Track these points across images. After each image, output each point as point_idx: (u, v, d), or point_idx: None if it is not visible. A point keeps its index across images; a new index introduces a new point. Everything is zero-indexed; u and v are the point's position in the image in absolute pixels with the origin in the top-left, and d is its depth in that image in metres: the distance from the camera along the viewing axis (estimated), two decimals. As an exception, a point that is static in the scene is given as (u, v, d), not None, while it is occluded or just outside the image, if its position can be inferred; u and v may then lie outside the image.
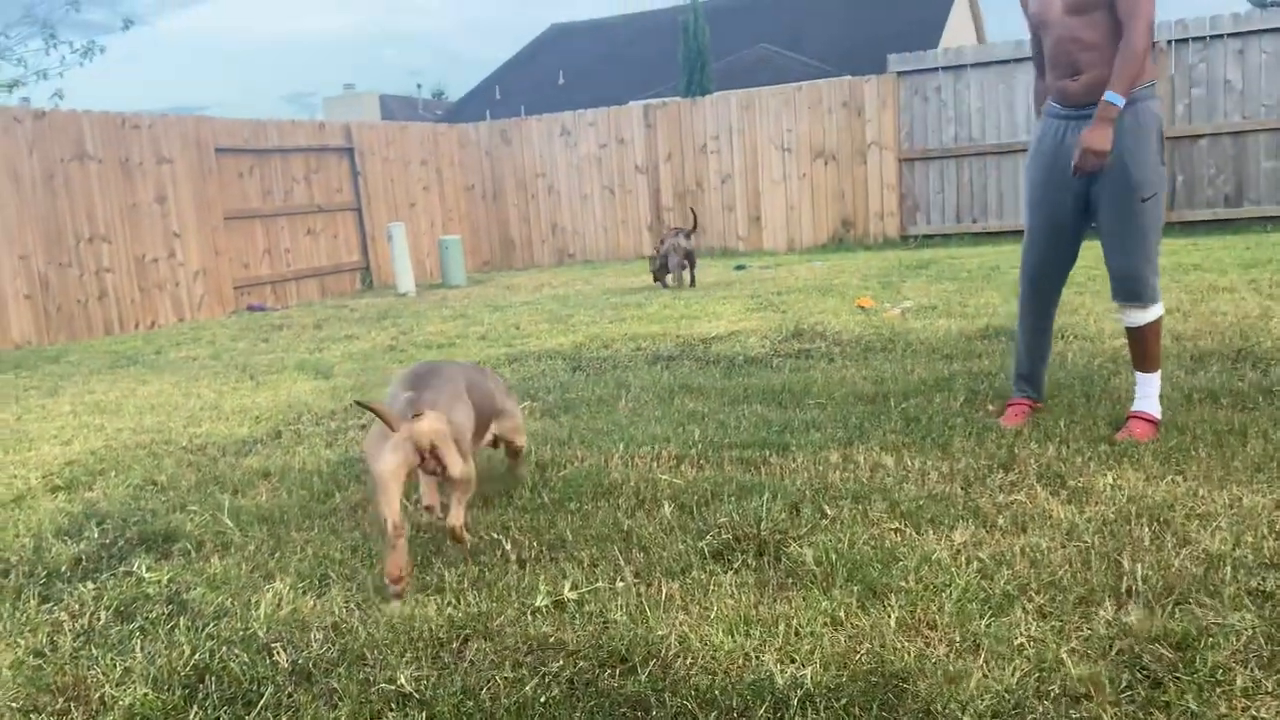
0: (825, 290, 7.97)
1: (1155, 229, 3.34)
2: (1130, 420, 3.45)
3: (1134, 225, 3.31)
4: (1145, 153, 3.26)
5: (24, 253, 8.55)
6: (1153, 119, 3.27)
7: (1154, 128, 3.27)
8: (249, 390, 5.59)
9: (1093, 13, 3.25)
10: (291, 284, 11.29)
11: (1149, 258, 3.35)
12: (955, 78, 11.76)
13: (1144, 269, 3.35)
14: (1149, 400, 3.47)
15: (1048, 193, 3.51)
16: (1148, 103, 3.27)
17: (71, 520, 3.33)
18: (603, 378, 5.11)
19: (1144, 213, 3.29)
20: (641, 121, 13.28)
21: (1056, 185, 3.46)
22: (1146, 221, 3.30)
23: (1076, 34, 3.29)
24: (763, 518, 2.75)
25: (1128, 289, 3.40)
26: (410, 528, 2.87)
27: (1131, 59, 3.15)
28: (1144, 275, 3.36)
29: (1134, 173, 3.26)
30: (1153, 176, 3.27)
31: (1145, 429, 3.38)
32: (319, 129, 11.86)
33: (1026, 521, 2.69)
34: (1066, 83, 3.38)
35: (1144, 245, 3.32)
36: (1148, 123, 3.26)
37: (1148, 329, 3.45)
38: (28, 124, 8.65)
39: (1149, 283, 3.37)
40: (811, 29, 25.55)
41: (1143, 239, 3.31)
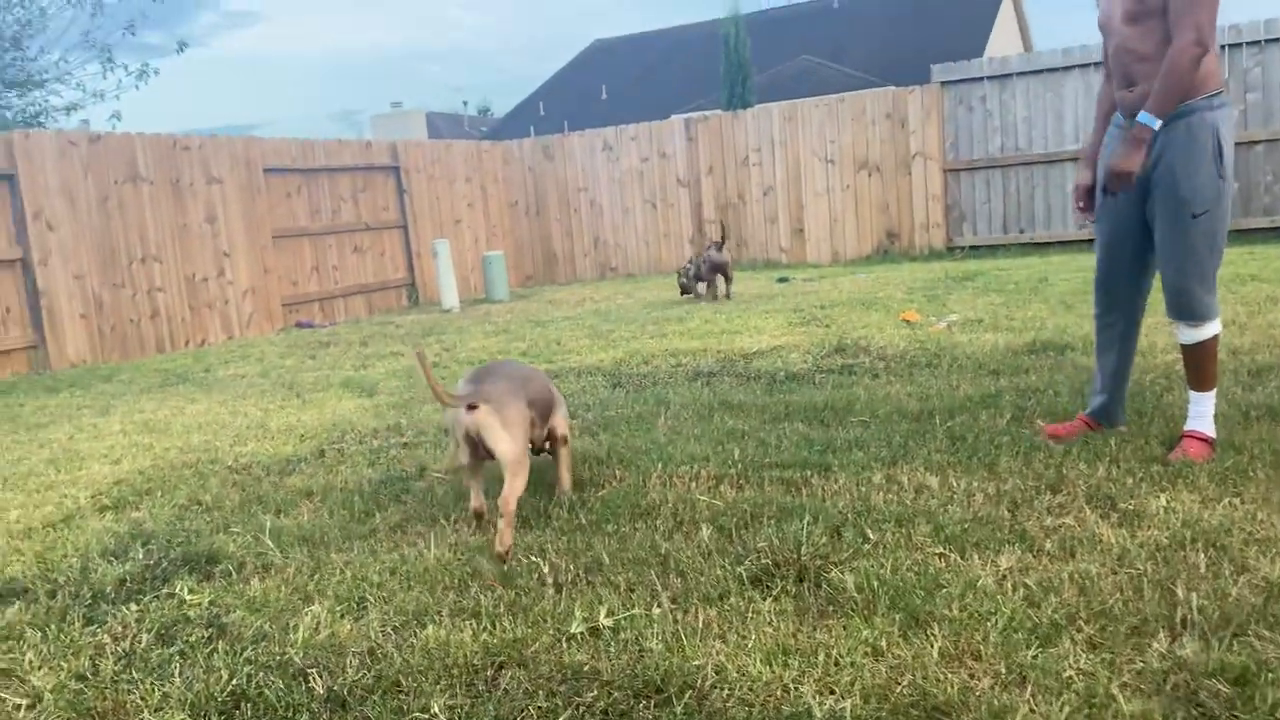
0: (869, 303, 7.89)
1: (1210, 245, 3.21)
2: (1184, 439, 3.35)
3: (1185, 241, 3.21)
4: (1197, 167, 3.14)
5: (79, 273, 8.74)
6: (1208, 132, 3.13)
7: (1209, 141, 3.13)
8: (295, 408, 5.64)
9: (1147, 22, 3.16)
10: (339, 301, 11.43)
11: (1202, 275, 3.24)
12: (1001, 87, 11.60)
13: (1195, 285, 3.25)
14: (1203, 419, 3.37)
15: (1108, 203, 3.44)
16: (1204, 114, 3.14)
17: (118, 540, 3.38)
18: (642, 394, 5.08)
19: (1195, 229, 3.18)
20: (683, 135, 13.28)
21: (1114, 196, 3.39)
22: (1197, 238, 3.19)
23: (1132, 44, 3.22)
24: (803, 542, 2.70)
25: (1179, 305, 3.31)
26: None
27: (1170, 74, 3.04)
28: (1195, 292, 3.25)
29: (1183, 188, 3.17)
30: (1206, 192, 3.15)
31: (1200, 449, 3.27)
32: (366, 148, 12.01)
33: (1075, 546, 2.61)
34: (1124, 93, 3.32)
35: (1195, 261, 3.22)
36: (1202, 136, 3.14)
37: (1202, 347, 3.34)
38: (83, 147, 8.85)
39: (1201, 299, 3.26)
40: (854, 40, 25.43)
41: (1192, 255, 3.21)
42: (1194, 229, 3.18)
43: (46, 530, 3.58)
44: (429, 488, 3.67)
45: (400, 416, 5.09)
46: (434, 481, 3.77)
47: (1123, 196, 3.34)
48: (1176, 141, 3.16)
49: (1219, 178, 3.15)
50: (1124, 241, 3.44)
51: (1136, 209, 3.35)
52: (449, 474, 3.44)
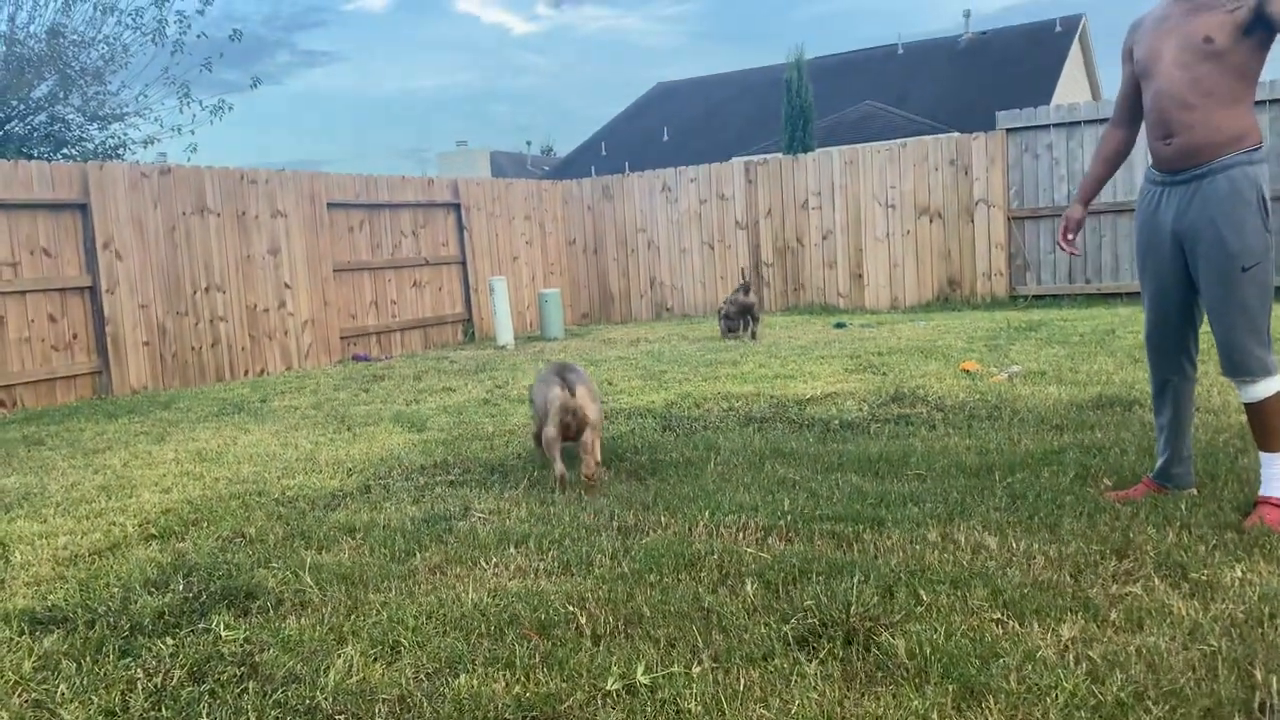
0: (928, 352, 7.73)
1: (1261, 299, 3.12)
2: (1259, 505, 3.18)
3: (1235, 296, 3.13)
4: (1243, 220, 3.08)
5: (145, 302, 8.93)
6: (1250, 185, 3.08)
7: (1253, 194, 3.08)
8: (344, 441, 5.66)
9: (1204, 66, 3.05)
10: (396, 334, 11.53)
11: (1255, 329, 3.13)
12: (1068, 135, 11.41)
13: (1248, 341, 3.14)
14: (1277, 483, 3.19)
15: (1148, 259, 3.38)
16: (1245, 168, 3.08)
17: (160, 571, 3.37)
18: (692, 439, 5.00)
19: (1245, 283, 3.10)
20: (743, 177, 13.26)
21: (1156, 253, 3.34)
22: (1248, 292, 3.11)
23: (1179, 91, 3.11)
24: (853, 601, 2.59)
25: (1233, 362, 3.19)
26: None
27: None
28: (1248, 347, 3.14)
29: (1231, 242, 3.09)
30: (1254, 245, 3.08)
31: (1276, 515, 3.10)
32: (428, 185, 12.17)
33: (1143, 617, 2.47)
34: (1159, 144, 3.23)
35: (1246, 316, 3.12)
36: (1245, 189, 3.08)
37: (1265, 404, 3.18)
38: (154, 179, 9.09)
39: (1255, 355, 3.14)
40: (918, 86, 25.32)
41: (1243, 310, 3.12)
42: (1245, 283, 3.11)
43: (93, 558, 3.59)
44: (471, 528, 3.62)
45: (448, 454, 5.06)
46: (477, 521, 3.72)
47: (1163, 253, 3.29)
48: (1219, 196, 3.09)
49: (1266, 230, 3.10)
50: (1169, 298, 3.36)
51: (1178, 265, 3.27)
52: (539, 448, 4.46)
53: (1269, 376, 3.16)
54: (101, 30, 14.13)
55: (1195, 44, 3.06)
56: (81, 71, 13.98)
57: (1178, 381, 3.44)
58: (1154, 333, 3.44)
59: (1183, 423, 3.47)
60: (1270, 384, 3.17)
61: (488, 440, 5.37)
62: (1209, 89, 3.06)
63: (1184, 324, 3.38)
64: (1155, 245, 3.33)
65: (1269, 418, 3.19)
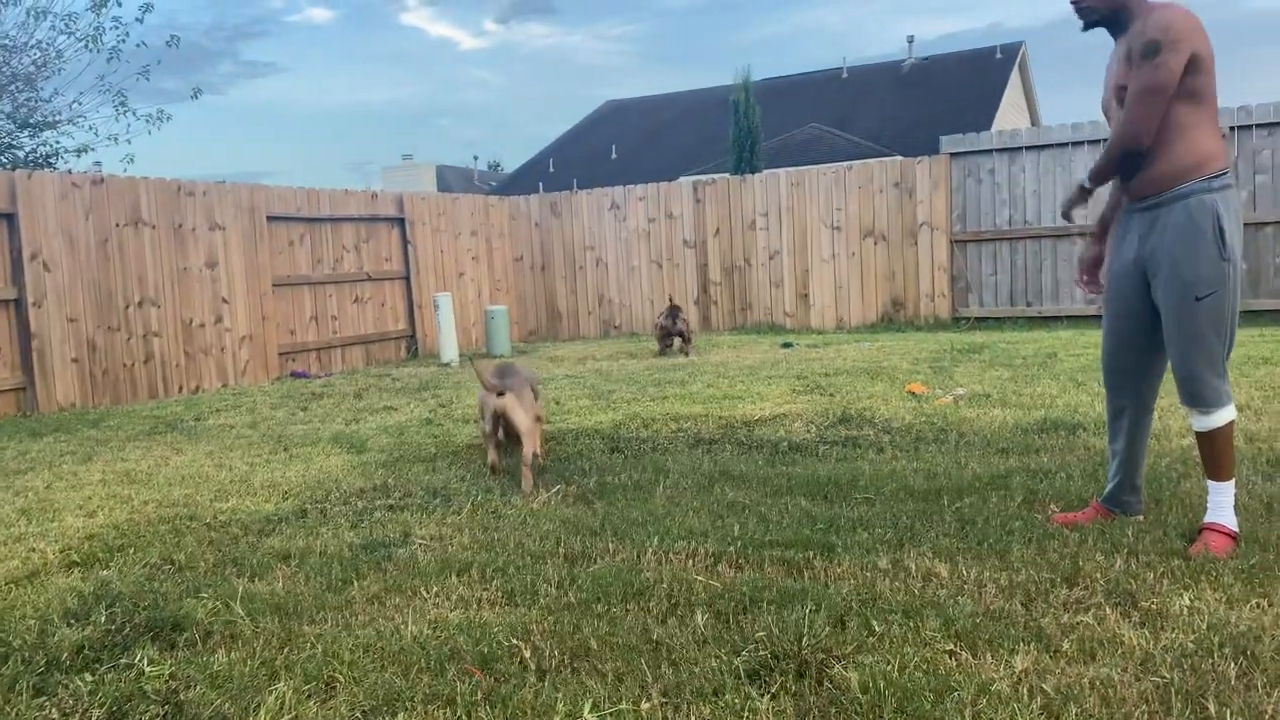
0: (874, 373, 7.75)
1: (1216, 329, 3.10)
2: (1204, 532, 3.19)
3: (1190, 325, 3.11)
4: (1198, 249, 3.06)
5: (74, 316, 8.64)
6: (1207, 213, 3.06)
7: (1209, 222, 3.05)
8: (281, 463, 5.49)
9: None
10: (337, 351, 11.31)
11: (1209, 360, 3.12)
12: (1010, 160, 11.60)
13: (1203, 371, 3.12)
14: (1223, 511, 3.21)
15: (1111, 285, 3.39)
16: (1203, 196, 3.06)
17: (81, 601, 3.20)
18: (641, 461, 4.93)
19: (1199, 313, 3.08)
20: (691, 197, 13.28)
21: (1119, 279, 3.35)
22: (1203, 322, 3.09)
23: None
24: (804, 632, 2.53)
25: (1189, 392, 3.17)
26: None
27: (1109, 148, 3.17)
28: (1203, 377, 3.12)
29: (1185, 271, 3.08)
30: (1208, 274, 3.06)
31: (1221, 543, 3.11)
32: (372, 199, 11.99)
33: (1095, 648, 2.45)
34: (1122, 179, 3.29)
35: (1201, 347, 3.11)
36: (1200, 218, 3.06)
37: (1216, 434, 3.18)
38: (86, 189, 8.81)
39: (1210, 385, 3.13)
40: (862, 110, 25.67)
41: (1197, 340, 3.10)
42: (1199, 313, 3.09)
43: (8, 587, 3.41)
44: (411, 556, 3.50)
45: (388, 476, 4.93)
46: (417, 548, 3.60)
47: (1125, 279, 3.29)
48: (1175, 224, 3.10)
49: (1222, 259, 3.06)
50: (1128, 324, 3.35)
51: (1140, 292, 3.27)
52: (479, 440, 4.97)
53: (1221, 408, 3.15)
54: (34, 35, 13.75)
55: (1119, 91, 3.15)
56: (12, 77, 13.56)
57: (1134, 410, 3.43)
58: (1111, 360, 3.44)
59: (1136, 453, 3.46)
60: (1223, 414, 3.16)
61: (430, 462, 5.24)
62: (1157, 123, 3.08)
63: (1141, 352, 3.36)
64: (1119, 272, 3.34)
65: (1219, 448, 3.19)
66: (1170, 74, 2.98)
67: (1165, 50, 2.96)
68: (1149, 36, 3.00)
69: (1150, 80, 2.99)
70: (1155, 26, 3.00)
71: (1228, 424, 3.18)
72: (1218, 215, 3.06)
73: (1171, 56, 2.96)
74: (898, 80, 26.95)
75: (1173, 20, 2.99)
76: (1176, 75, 2.99)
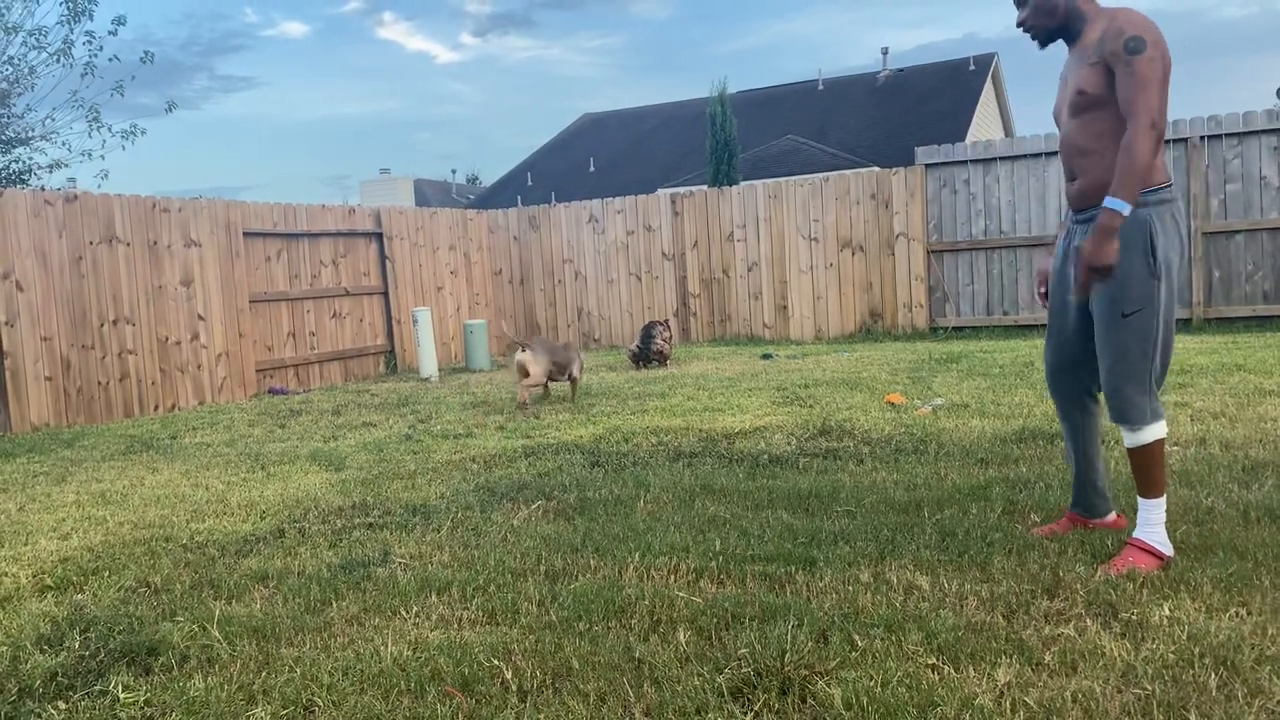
0: (853, 384, 7.78)
1: (1142, 346, 3.04)
2: (1128, 547, 3.14)
3: (1116, 341, 3.07)
4: (1128, 266, 3.00)
5: (47, 334, 8.54)
6: (1139, 229, 3.00)
7: (1141, 237, 3.00)
8: (258, 481, 5.43)
9: (1088, 114, 3.10)
10: (315, 367, 11.24)
11: (1134, 376, 3.07)
12: (985, 170, 11.70)
13: (1126, 388, 3.08)
14: (1151, 529, 3.14)
15: (1054, 295, 3.40)
16: (1140, 210, 3.00)
17: (55, 627, 3.15)
18: (621, 475, 4.92)
19: (1125, 329, 3.04)
20: (669, 209, 13.30)
21: (1060, 289, 3.36)
22: (1128, 339, 3.04)
23: (1074, 137, 3.16)
24: (787, 648, 2.52)
25: (1114, 407, 3.13)
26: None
27: (1131, 161, 2.90)
28: (1127, 394, 3.08)
29: (1113, 287, 3.04)
30: (1135, 290, 3.01)
31: (1143, 560, 3.07)
32: (349, 214, 11.94)
33: (1077, 660, 2.45)
34: (1067, 185, 3.28)
35: (1125, 363, 3.06)
36: (1130, 233, 3.00)
37: (1144, 451, 3.12)
38: (59, 207, 8.72)
39: (1135, 403, 3.08)
40: (838, 121, 25.82)
41: (1123, 357, 3.06)
42: (1124, 329, 3.05)
43: (-20, 613, 3.35)
44: (391, 575, 3.47)
45: (367, 494, 4.89)
46: (397, 568, 3.57)
47: (1064, 288, 3.30)
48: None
49: (1151, 276, 3.01)
50: (1066, 334, 3.36)
51: (1079, 306, 3.25)
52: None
53: (1148, 425, 3.10)
54: (6, 51, 13.63)
55: (1074, 97, 3.12)
56: (-17, 94, 13.43)
57: (1079, 417, 3.45)
58: (1052, 366, 3.45)
59: (1091, 456, 3.47)
60: (1150, 432, 3.11)
61: (409, 479, 5.21)
62: (1099, 132, 3.08)
63: (1079, 363, 3.36)
64: (1060, 282, 3.36)
65: (1148, 465, 3.13)
66: (1159, 66, 2.92)
67: (1151, 46, 2.93)
68: (1130, 34, 2.94)
69: (1145, 74, 2.91)
70: (1133, 24, 2.96)
71: (1156, 441, 3.11)
72: (1150, 230, 3.01)
73: (1156, 51, 2.93)
74: (873, 92, 27.14)
75: (1148, 22, 2.98)
76: (1163, 68, 2.93)
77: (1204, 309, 10.75)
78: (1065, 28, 3.19)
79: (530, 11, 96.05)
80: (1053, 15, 3.17)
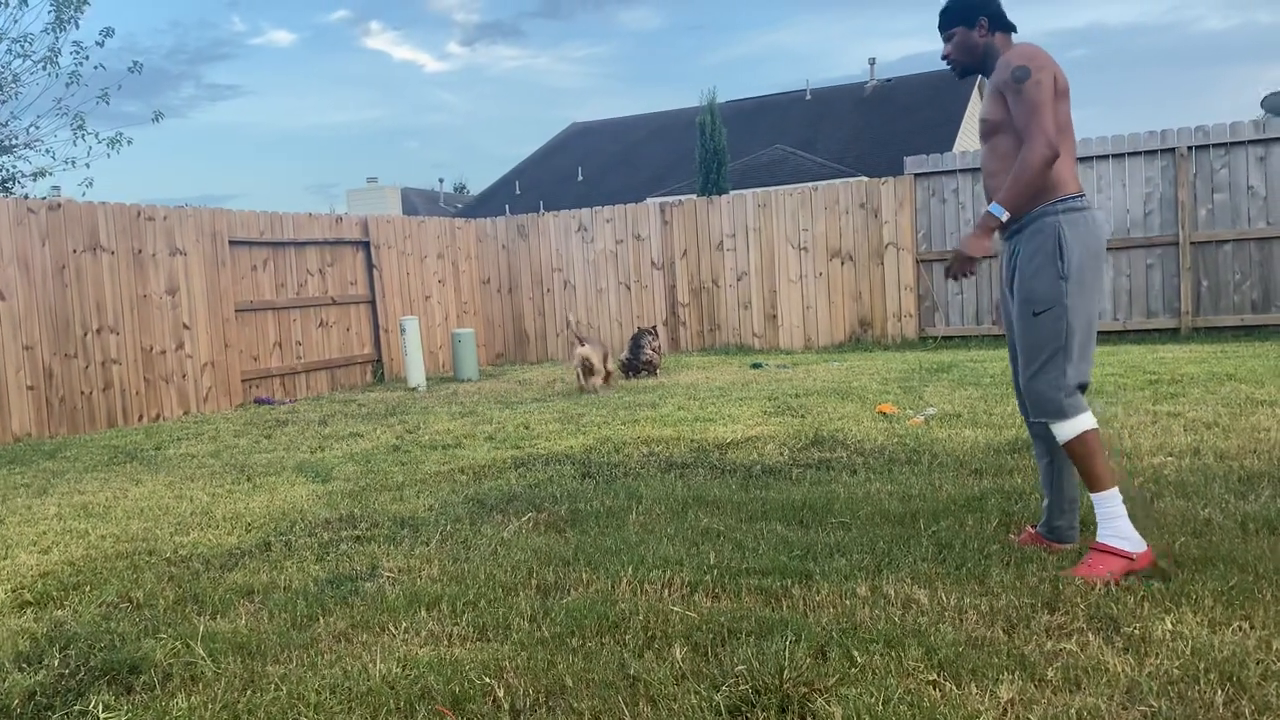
0: (844, 393, 7.74)
1: (1053, 343, 3.21)
2: (1090, 551, 3.19)
3: (1027, 339, 3.28)
4: (1037, 268, 3.23)
5: (29, 343, 8.44)
6: (1049, 233, 3.21)
7: (1050, 241, 3.21)
8: (244, 493, 5.36)
9: (993, 139, 3.36)
10: (301, 376, 11.14)
11: (1044, 372, 3.23)
12: (974, 180, 11.70)
13: (1037, 383, 3.25)
14: (1109, 524, 3.18)
15: (1004, 314, 3.55)
16: (1046, 218, 3.23)
17: (34, 644, 3.08)
18: (613, 486, 4.86)
19: (1036, 327, 3.24)
20: (658, 218, 13.27)
21: (1004, 303, 3.52)
22: (1040, 336, 3.24)
23: (985, 160, 3.42)
24: (785, 664, 2.47)
25: (1030, 401, 3.30)
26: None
27: (1021, 171, 3.17)
28: (1040, 389, 3.24)
29: (1024, 287, 3.26)
30: (1044, 292, 3.21)
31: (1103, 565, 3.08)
32: (336, 222, 11.87)
33: (1080, 675, 2.41)
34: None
35: (1036, 360, 3.25)
36: (1043, 238, 3.22)
37: (1071, 445, 3.24)
38: (42, 215, 8.63)
39: (1047, 396, 3.23)
40: (826, 131, 25.88)
41: (1035, 353, 3.25)
42: (1035, 326, 3.24)
43: (-44, 630, 3.27)
44: (379, 590, 3.41)
45: (355, 506, 4.82)
46: (385, 582, 3.51)
47: (1005, 303, 3.46)
48: (1023, 243, 3.28)
49: (1060, 278, 3.20)
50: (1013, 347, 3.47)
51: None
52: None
53: (1069, 418, 3.21)
54: (-9, 59, 13.50)
55: (981, 125, 3.41)
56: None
57: (1041, 428, 3.48)
58: (1015, 380, 3.52)
59: (1058, 470, 3.48)
60: (1071, 425, 3.22)
61: (397, 491, 5.14)
62: (1003, 154, 3.31)
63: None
64: (1003, 297, 3.52)
65: (1079, 459, 3.24)
66: (1046, 89, 3.17)
67: (1034, 71, 3.19)
68: (1016, 64, 3.22)
69: (1034, 98, 3.17)
70: (1018, 56, 3.25)
71: (1080, 434, 3.21)
72: (1059, 235, 3.21)
73: (1041, 74, 3.18)
74: (860, 102, 27.22)
75: (1034, 51, 3.25)
76: (1051, 90, 3.18)
77: (1193, 318, 10.77)
78: (982, 64, 3.43)
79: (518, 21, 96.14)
80: (972, 53, 3.43)
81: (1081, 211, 3.25)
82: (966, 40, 3.41)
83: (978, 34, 3.39)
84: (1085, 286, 3.22)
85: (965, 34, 3.40)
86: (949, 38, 3.45)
